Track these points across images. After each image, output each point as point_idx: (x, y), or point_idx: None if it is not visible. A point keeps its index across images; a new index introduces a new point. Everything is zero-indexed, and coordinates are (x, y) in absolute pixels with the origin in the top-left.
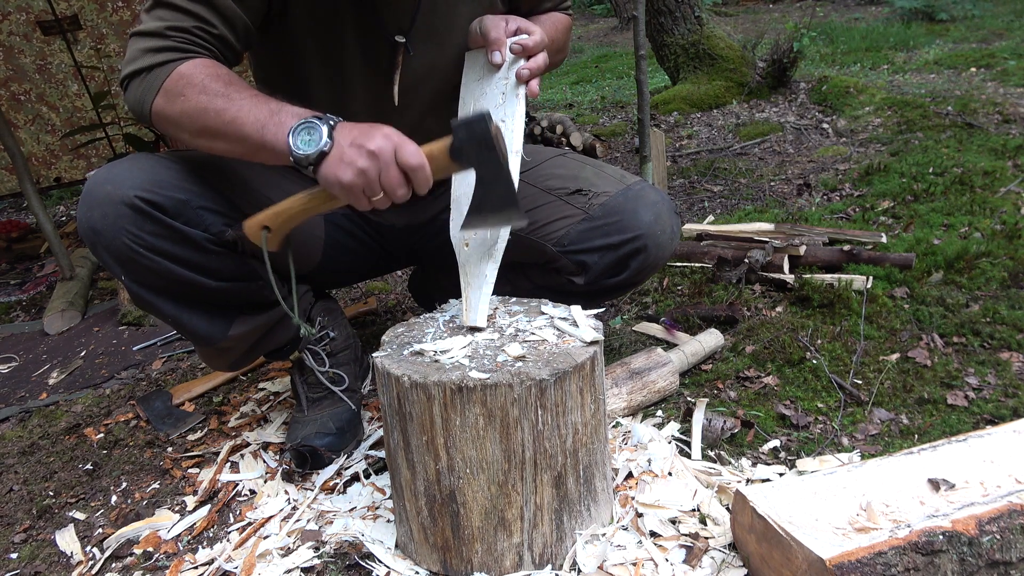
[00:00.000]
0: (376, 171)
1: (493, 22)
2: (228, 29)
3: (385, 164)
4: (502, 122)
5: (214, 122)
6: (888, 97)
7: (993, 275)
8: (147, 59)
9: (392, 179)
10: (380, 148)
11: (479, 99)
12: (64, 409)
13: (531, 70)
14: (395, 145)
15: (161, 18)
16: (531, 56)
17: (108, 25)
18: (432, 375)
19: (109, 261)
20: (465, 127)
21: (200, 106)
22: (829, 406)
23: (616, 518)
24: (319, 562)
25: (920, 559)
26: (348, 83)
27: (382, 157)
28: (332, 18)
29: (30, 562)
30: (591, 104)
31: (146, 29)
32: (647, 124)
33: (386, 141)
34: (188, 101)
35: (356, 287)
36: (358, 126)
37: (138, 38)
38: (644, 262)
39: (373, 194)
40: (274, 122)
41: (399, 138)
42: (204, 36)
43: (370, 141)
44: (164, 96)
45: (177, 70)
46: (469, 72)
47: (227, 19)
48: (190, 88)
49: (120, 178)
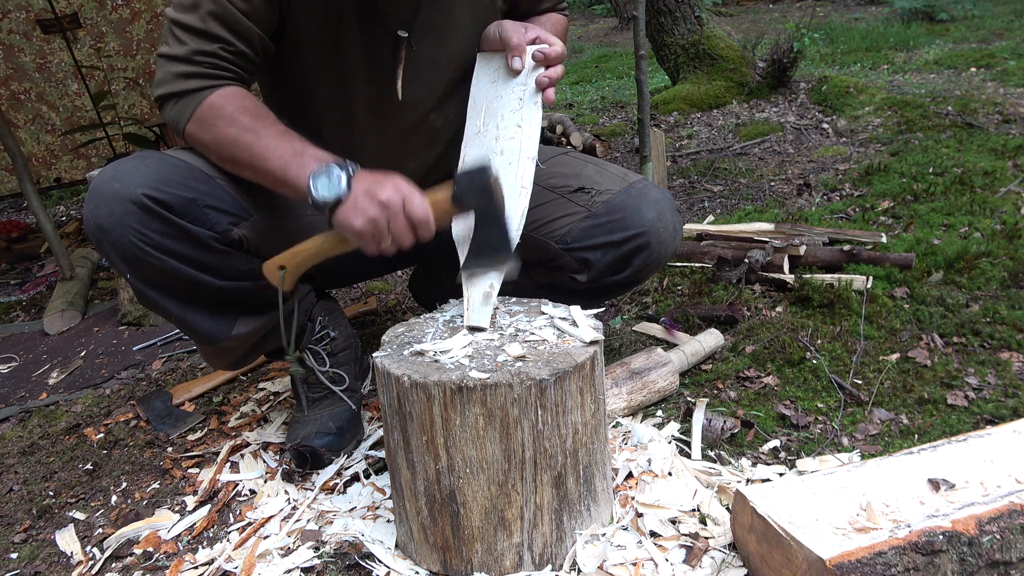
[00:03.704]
0: (385, 220)
1: (514, 28)
2: (246, 45)
3: (394, 214)
4: (518, 127)
5: (241, 155)
6: (888, 97)
7: (993, 275)
8: (178, 84)
9: (399, 228)
10: (390, 199)
11: (493, 101)
12: (64, 409)
13: (551, 78)
14: (404, 197)
15: (185, 42)
16: (551, 65)
17: (108, 23)
18: (432, 375)
19: (115, 259)
20: (467, 177)
21: (229, 138)
22: (829, 406)
23: (616, 518)
24: (319, 562)
25: (920, 559)
26: (352, 79)
27: (391, 207)
28: (335, 15)
29: (30, 562)
30: (591, 104)
31: (173, 54)
32: (647, 124)
33: (396, 193)
34: (218, 131)
35: (356, 287)
36: (373, 175)
37: (167, 61)
38: (647, 260)
39: (382, 241)
40: (296, 163)
41: (408, 190)
42: (227, 57)
43: (382, 191)
44: (196, 123)
45: (208, 100)
46: (481, 74)
47: (243, 36)
48: (220, 119)
49: (127, 176)
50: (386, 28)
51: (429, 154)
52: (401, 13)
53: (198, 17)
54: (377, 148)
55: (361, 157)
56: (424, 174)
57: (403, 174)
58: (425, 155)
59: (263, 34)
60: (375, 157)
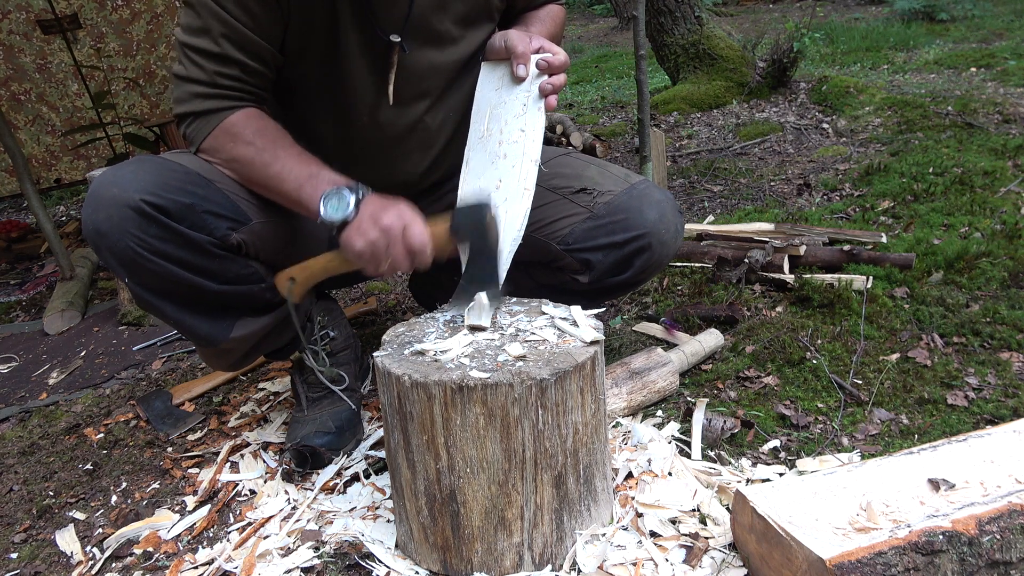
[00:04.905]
0: (384, 245)
1: (519, 37)
2: (261, 64)
3: (393, 240)
4: (522, 131)
5: (258, 175)
6: (888, 97)
7: (993, 275)
8: (197, 104)
9: (397, 254)
10: (391, 225)
11: (497, 107)
12: (64, 409)
13: (554, 85)
14: (405, 224)
15: (203, 66)
16: (554, 73)
17: (108, 24)
18: (433, 374)
19: (113, 263)
20: (464, 212)
21: (247, 158)
22: (829, 406)
23: (616, 518)
24: (319, 562)
25: (920, 559)
26: (348, 83)
27: (391, 233)
28: (331, 21)
29: (30, 562)
30: (591, 104)
31: (192, 76)
32: (647, 124)
33: (398, 220)
34: (236, 151)
35: (356, 287)
36: (381, 201)
37: (184, 82)
38: (648, 261)
39: (379, 264)
40: (310, 185)
41: (411, 218)
42: (245, 79)
43: (385, 217)
44: (212, 142)
45: (228, 120)
46: (486, 81)
47: (257, 55)
48: (238, 140)
49: (126, 181)
50: (379, 32)
51: (426, 155)
52: (394, 17)
53: (211, 40)
54: (374, 150)
55: (359, 159)
56: (421, 175)
57: (400, 175)
58: (421, 156)
59: (272, 48)
60: (372, 159)
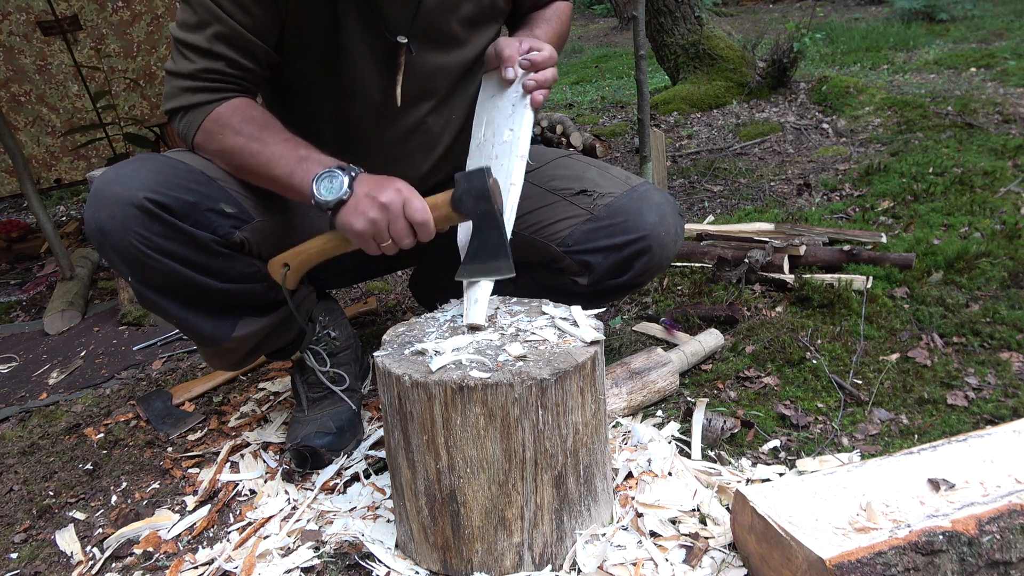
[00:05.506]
0: (385, 222)
1: (507, 42)
2: (252, 61)
3: (394, 216)
4: (510, 130)
5: (249, 163)
6: (888, 97)
7: (993, 275)
8: (185, 98)
9: (399, 230)
10: (390, 201)
11: (491, 111)
12: (64, 409)
13: (537, 81)
14: (404, 199)
15: (192, 60)
16: (539, 69)
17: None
18: (433, 374)
19: (116, 262)
20: (465, 179)
21: (236, 147)
22: (829, 406)
23: (616, 518)
24: (319, 562)
25: (920, 559)
26: (351, 84)
27: (391, 209)
28: (335, 22)
29: (30, 562)
30: (591, 104)
31: (180, 71)
32: (647, 124)
33: (396, 195)
34: (226, 141)
35: (356, 287)
36: (375, 178)
37: (174, 77)
38: (648, 263)
39: (382, 241)
40: (302, 168)
41: (409, 192)
42: (232, 73)
43: (382, 194)
44: (203, 134)
45: (216, 111)
46: (484, 92)
47: (249, 53)
48: (227, 130)
49: (129, 179)
50: (386, 34)
51: (428, 157)
52: (401, 18)
53: (204, 38)
54: (376, 151)
55: (361, 160)
56: (423, 177)
57: (401, 176)
58: (424, 158)
59: (267, 47)
60: (375, 160)
